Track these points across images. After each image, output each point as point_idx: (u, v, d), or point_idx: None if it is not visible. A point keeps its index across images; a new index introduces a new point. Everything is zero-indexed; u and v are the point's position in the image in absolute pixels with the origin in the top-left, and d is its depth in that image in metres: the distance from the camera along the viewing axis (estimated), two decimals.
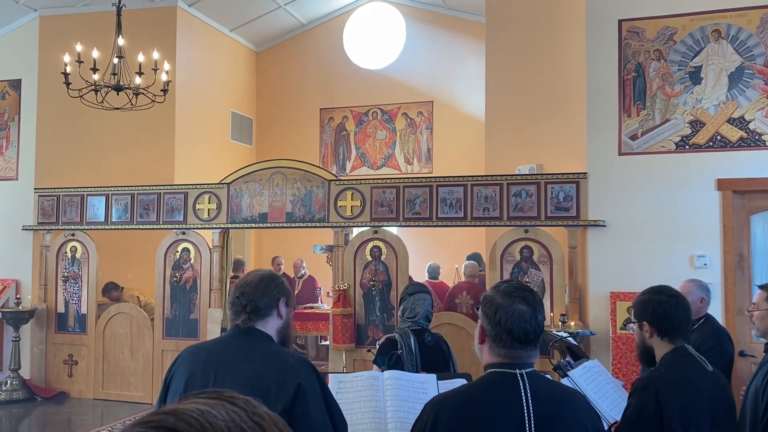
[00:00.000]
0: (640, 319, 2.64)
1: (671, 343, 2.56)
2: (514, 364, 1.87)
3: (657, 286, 2.68)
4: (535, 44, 7.38)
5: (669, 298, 2.59)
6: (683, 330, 2.58)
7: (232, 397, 0.80)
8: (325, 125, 10.95)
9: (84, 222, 7.85)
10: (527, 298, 1.88)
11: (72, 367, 7.81)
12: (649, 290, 2.66)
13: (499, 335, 1.86)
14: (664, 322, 2.56)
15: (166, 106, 7.58)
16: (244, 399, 0.81)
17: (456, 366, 3.88)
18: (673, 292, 2.63)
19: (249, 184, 7.25)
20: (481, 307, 1.94)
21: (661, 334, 2.57)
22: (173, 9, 8.92)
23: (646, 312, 2.61)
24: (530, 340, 1.85)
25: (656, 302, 2.59)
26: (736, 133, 5.84)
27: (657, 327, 2.57)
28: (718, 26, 5.95)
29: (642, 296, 2.67)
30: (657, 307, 2.58)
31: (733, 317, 5.71)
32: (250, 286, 2.27)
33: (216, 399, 0.80)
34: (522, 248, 6.38)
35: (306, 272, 9.53)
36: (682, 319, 2.57)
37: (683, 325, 2.57)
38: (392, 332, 5.85)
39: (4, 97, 8.67)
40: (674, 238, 5.91)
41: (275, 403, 2.03)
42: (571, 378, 3.27)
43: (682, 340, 2.57)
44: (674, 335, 2.56)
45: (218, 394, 0.81)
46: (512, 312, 1.84)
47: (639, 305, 2.66)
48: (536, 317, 1.87)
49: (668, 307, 2.56)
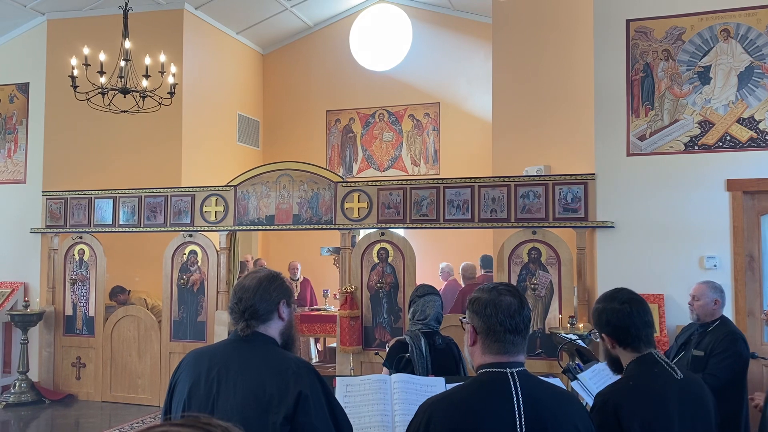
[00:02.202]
0: (598, 330, 2.46)
1: (635, 352, 2.38)
2: (504, 363, 1.89)
3: (610, 292, 2.48)
4: (542, 45, 7.35)
5: (622, 305, 2.39)
6: (644, 336, 2.37)
7: (208, 424, 0.76)
8: (331, 127, 10.95)
9: (92, 224, 7.87)
10: (513, 292, 1.94)
11: (80, 370, 7.83)
12: (603, 297, 2.47)
13: (491, 328, 1.89)
14: (621, 332, 2.38)
15: (173, 108, 7.59)
16: (223, 427, 0.77)
17: (466, 369, 3.84)
18: (625, 297, 2.42)
19: (256, 186, 7.25)
20: (469, 309, 1.97)
21: (621, 345, 2.40)
22: (180, 12, 8.94)
23: (602, 323, 2.43)
24: (520, 330, 1.90)
25: (609, 311, 2.40)
26: (746, 133, 5.79)
27: (615, 338, 2.40)
28: (727, 26, 5.90)
29: (596, 304, 2.49)
30: (611, 317, 2.39)
31: (744, 319, 5.65)
32: (248, 291, 2.21)
33: (191, 426, 0.76)
34: (530, 250, 6.35)
35: (301, 276, 9.53)
36: (640, 326, 2.36)
37: (642, 331, 2.37)
38: (399, 334, 5.84)
39: (12, 101, 8.70)
40: (684, 239, 5.86)
41: (277, 411, 2.01)
42: (580, 381, 3.24)
43: (646, 347, 2.38)
44: (635, 344, 2.38)
45: (195, 420, 0.77)
46: (500, 303, 1.90)
47: (594, 315, 2.48)
48: (523, 309, 1.92)
49: (621, 315, 2.37)
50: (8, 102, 8.71)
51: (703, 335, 4.14)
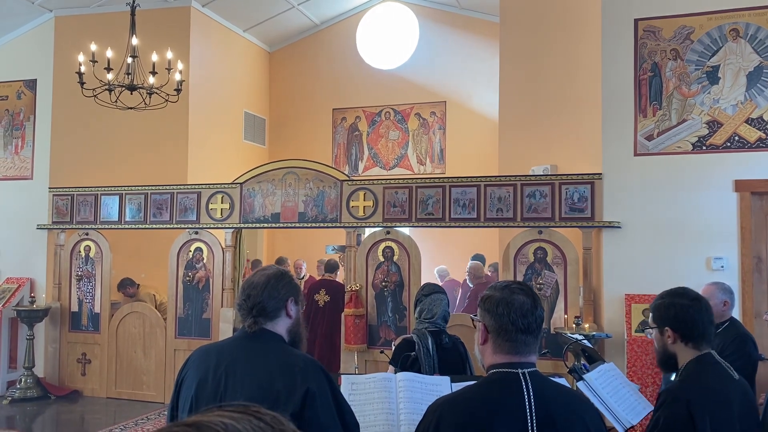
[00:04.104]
0: (662, 324, 2.47)
1: (696, 350, 2.41)
2: (516, 363, 1.87)
3: (676, 289, 2.52)
4: (550, 44, 7.33)
5: (692, 302, 2.43)
6: (708, 335, 2.42)
7: (258, 412, 0.77)
8: (337, 125, 10.94)
9: (98, 221, 7.89)
10: (526, 291, 1.92)
11: (85, 366, 7.85)
12: (669, 293, 2.50)
13: (503, 327, 1.87)
14: (688, 327, 2.40)
15: (180, 105, 7.60)
16: (272, 415, 0.78)
17: (473, 368, 3.83)
18: (694, 295, 2.48)
19: (262, 184, 7.25)
20: (481, 307, 1.95)
21: (684, 340, 2.41)
22: (187, 9, 8.95)
23: (668, 317, 2.44)
24: (532, 330, 1.88)
25: (678, 306, 2.43)
26: (755, 133, 5.76)
27: (681, 332, 2.41)
28: (736, 25, 5.87)
29: (662, 300, 2.50)
30: (679, 312, 2.42)
31: (751, 320, 5.62)
32: (256, 288, 2.21)
33: (242, 413, 0.76)
34: (536, 249, 6.33)
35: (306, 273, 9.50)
36: (707, 323, 2.41)
37: (708, 329, 2.42)
38: (404, 333, 5.83)
39: (19, 97, 8.73)
40: (691, 240, 5.83)
41: (284, 408, 2.00)
42: (586, 381, 3.22)
43: (707, 346, 2.43)
44: (699, 341, 2.41)
45: (245, 408, 0.78)
46: (513, 302, 1.87)
47: (659, 309, 2.49)
48: (536, 308, 1.89)
49: (692, 311, 2.41)
50: (16, 98, 8.74)
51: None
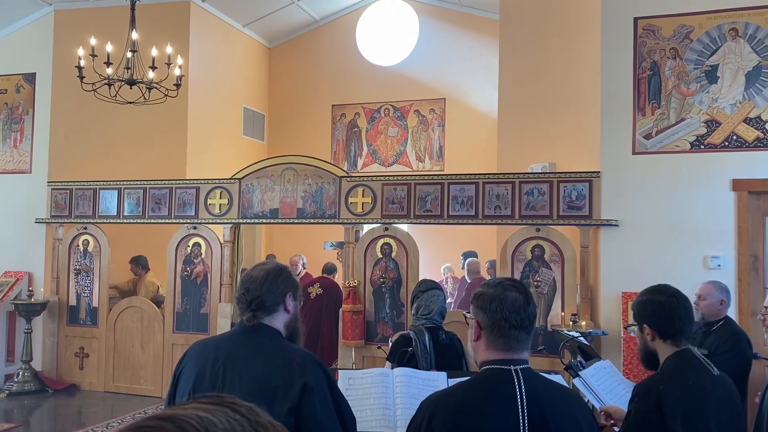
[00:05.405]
0: (640, 321, 2.48)
1: (675, 346, 2.41)
2: (509, 360, 1.88)
3: (656, 286, 2.52)
4: (549, 42, 7.33)
5: (669, 298, 2.42)
6: (686, 331, 2.41)
7: (234, 404, 0.76)
8: (336, 121, 10.94)
9: (96, 215, 7.89)
10: (518, 287, 1.93)
11: (83, 360, 7.86)
12: (648, 290, 2.51)
13: (496, 323, 1.87)
14: (666, 323, 2.40)
15: (179, 100, 7.60)
16: (247, 406, 0.77)
17: (469, 364, 3.85)
18: (672, 291, 2.46)
19: (260, 179, 7.26)
20: (474, 304, 1.95)
21: (663, 337, 2.42)
22: (187, 4, 8.94)
23: (646, 314, 2.45)
24: (525, 326, 1.88)
25: (656, 303, 2.43)
26: (753, 133, 5.77)
27: (658, 329, 2.42)
28: (735, 24, 5.87)
29: (640, 297, 2.51)
30: (657, 309, 2.42)
31: (747, 319, 5.64)
32: (255, 282, 2.23)
33: (217, 405, 0.75)
34: (533, 247, 6.34)
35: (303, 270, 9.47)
36: (685, 320, 2.40)
37: (686, 326, 2.41)
38: (402, 329, 5.85)
39: (18, 91, 8.72)
40: (688, 239, 5.85)
41: (282, 402, 2.01)
42: (582, 378, 3.24)
43: (686, 342, 2.42)
44: (677, 337, 2.40)
45: (220, 400, 0.77)
46: (505, 298, 1.88)
47: (638, 306, 2.50)
48: (529, 305, 1.90)
49: (669, 307, 2.40)
50: (15, 92, 8.72)
51: (706, 334, 4.15)
